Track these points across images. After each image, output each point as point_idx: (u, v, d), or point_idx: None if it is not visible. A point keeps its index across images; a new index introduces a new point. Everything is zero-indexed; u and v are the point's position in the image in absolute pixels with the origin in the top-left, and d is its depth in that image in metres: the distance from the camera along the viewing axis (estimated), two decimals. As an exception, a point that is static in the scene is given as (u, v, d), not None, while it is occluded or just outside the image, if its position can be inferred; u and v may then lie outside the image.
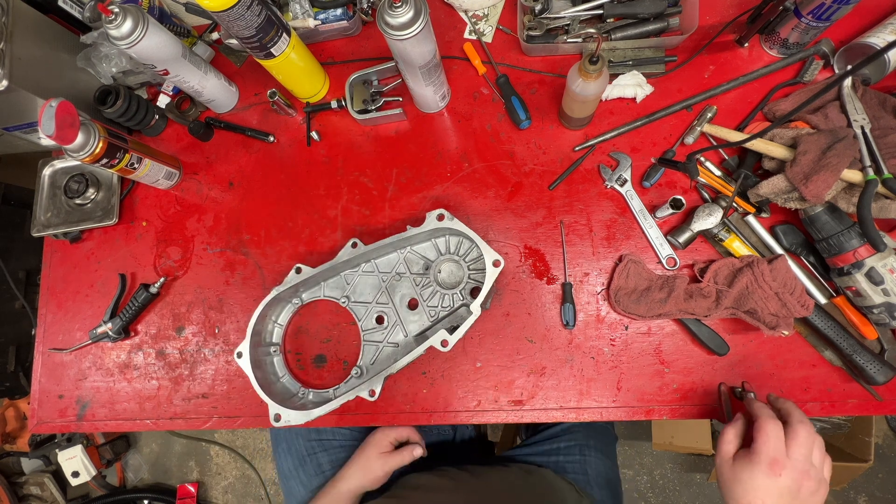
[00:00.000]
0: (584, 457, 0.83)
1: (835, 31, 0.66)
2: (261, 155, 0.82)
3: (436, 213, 0.66)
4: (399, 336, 0.71)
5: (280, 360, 0.74)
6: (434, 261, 0.71)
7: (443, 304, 0.70)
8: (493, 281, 0.63)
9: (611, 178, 0.70)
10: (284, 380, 0.74)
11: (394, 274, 0.72)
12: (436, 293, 0.70)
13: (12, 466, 1.66)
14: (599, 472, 0.83)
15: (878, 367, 0.57)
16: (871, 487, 1.38)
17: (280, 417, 0.66)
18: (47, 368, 0.82)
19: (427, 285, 0.71)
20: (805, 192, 0.56)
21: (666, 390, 0.65)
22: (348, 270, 0.74)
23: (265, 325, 0.73)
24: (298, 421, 0.65)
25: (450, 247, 0.71)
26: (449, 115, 0.77)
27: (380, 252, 0.71)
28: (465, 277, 0.69)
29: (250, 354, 0.69)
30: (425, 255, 0.72)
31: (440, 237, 0.71)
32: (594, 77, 0.58)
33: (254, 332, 0.70)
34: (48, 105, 0.63)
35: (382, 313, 0.72)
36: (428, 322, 0.70)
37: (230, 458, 1.75)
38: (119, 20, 0.62)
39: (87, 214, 0.83)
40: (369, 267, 0.74)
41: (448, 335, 0.63)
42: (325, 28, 0.78)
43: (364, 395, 0.64)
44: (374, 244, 0.68)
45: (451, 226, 0.65)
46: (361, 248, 0.69)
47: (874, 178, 0.56)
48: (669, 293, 0.62)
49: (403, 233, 0.68)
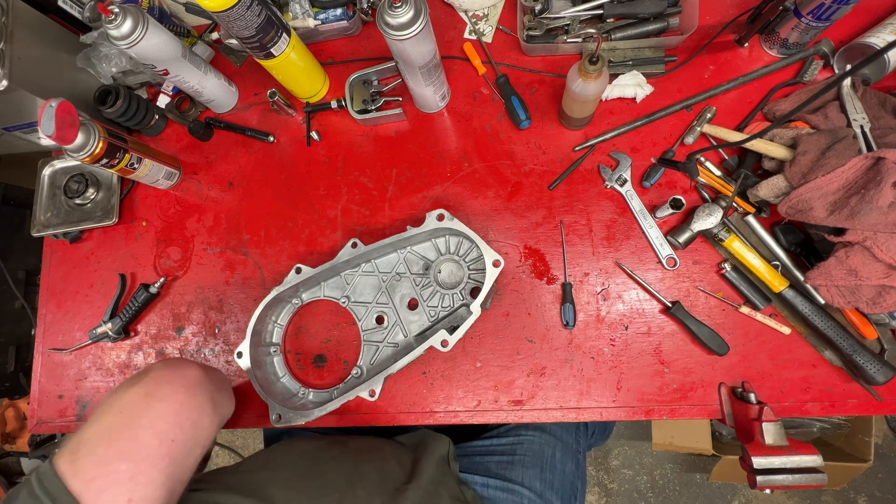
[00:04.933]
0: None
1: (835, 31, 0.66)
2: (261, 155, 0.82)
3: (436, 214, 0.66)
4: (399, 336, 0.71)
5: (280, 360, 0.74)
6: (434, 261, 0.71)
7: (443, 304, 0.70)
8: (493, 281, 0.63)
9: (611, 178, 0.70)
10: (284, 380, 0.73)
11: (394, 274, 0.72)
12: (436, 293, 0.70)
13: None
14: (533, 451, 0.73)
15: (878, 367, 0.57)
16: (871, 487, 1.38)
17: (281, 418, 0.66)
18: (47, 368, 0.82)
19: (427, 285, 0.71)
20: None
21: (666, 390, 0.65)
22: (348, 270, 0.74)
23: (265, 326, 0.73)
24: (298, 421, 0.65)
25: (450, 247, 0.71)
26: (449, 115, 0.77)
27: (380, 252, 0.71)
28: (465, 277, 0.69)
29: (250, 354, 0.69)
30: (425, 255, 0.72)
31: (440, 237, 0.71)
32: (594, 77, 0.58)
33: (254, 332, 0.70)
34: (48, 105, 0.63)
35: (382, 313, 0.72)
36: (428, 322, 0.70)
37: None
38: (119, 20, 0.62)
39: (87, 214, 0.83)
40: (369, 267, 0.74)
41: (448, 335, 0.63)
42: (325, 28, 0.78)
43: (364, 395, 0.64)
44: (374, 244, 0.68)
45: (450, 226, 0.65)
46: (361, 249, 0.69)
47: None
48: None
49: (403, 233, 0.68)
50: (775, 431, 0.57)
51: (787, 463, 0.56)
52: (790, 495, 1.40)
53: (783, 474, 0.56)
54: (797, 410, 0.62)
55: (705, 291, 0.66)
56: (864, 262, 0.54)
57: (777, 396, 0.63)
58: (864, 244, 0.54)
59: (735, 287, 0.64)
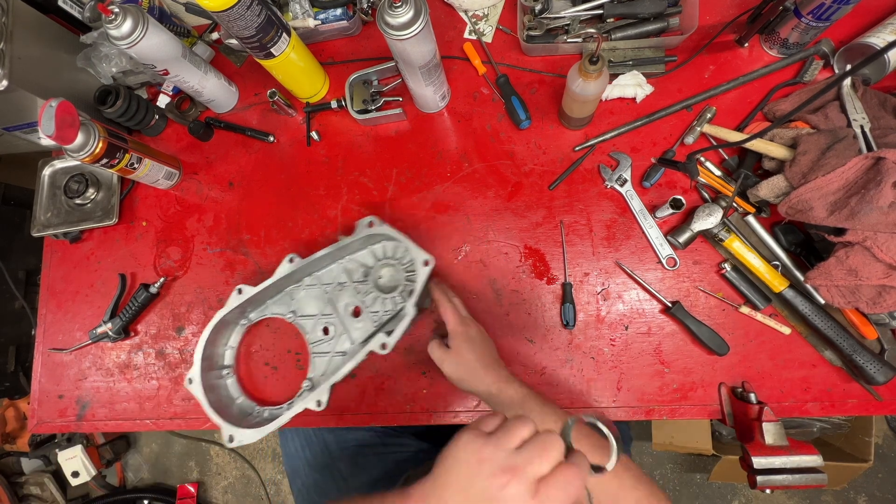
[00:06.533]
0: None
1: (835, 31, 0.66)
2: (261, 155, 0.82)
3: (366, 221, 0.67)
4: (346, 344, 0.71)
5: (234, 382, 0.74)
6: (372, 267, 0.71)
7: (385, 308, 0.70)
8: (424, 280, 0.63)
9: (611, 178, 0.70)
10: (240, 401, 0.73)
11: (335, 284, 0.72)
12: (377, 298, 0.70)
13: (12, 466, 1.66)
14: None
15: (878, 367, 0.57)
16: (871, 487, 1.38)
17: (233, 438, 0.65)
18: (47, 368, 0.82)
19: (368, 292, 0.71)
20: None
21: (666, 390, 0.65)
22: (292, 286, 0.74)
23: (216, 349, 0.73)
24: (252, 439, 0.65)
25: (386, 252, 0.71)
26: (449, 115, 0.77)
27: (319, 265, 0.71)
28: (403, 280, 0.69)
29: (202, 380, 0.68)
30: (364, 262, 0.72)
31: (376, 244, 0.72)
32: (594, 77, 0.58)
33: (204, 356, 0.69)
34: (48, 105, 0.63)
35: (328, 324, 0.72)
36: (373, 328, 0.70)
37: (230, 458, 1.75)
38: (119, 20, 0.62)
39: (87, 214, 0.83)
40: (311, 280, 0.74)
41: (387, 338, 0.63)
42: (325, 28, 0.78)
43: (311, 405, 0.64)
44: (310, 258, 0.68)
45: (381, 231, 0.66)
46: (298, 263, 0.69)
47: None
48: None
49: (337, 243, 0.68)
50: (775, 431, 0.57)
51: (787, 463, 0.56)
52: (790, 495, 1.40)
53: (783, 474, 0.56)
54: (797, 410, 0.62)
55: (705, 291, 0.66)
56: (864, 262, 0.54)
57: (777, 396, 0.63)
58: (864, 244, 0.54)
59: (735, 287, 0.64)
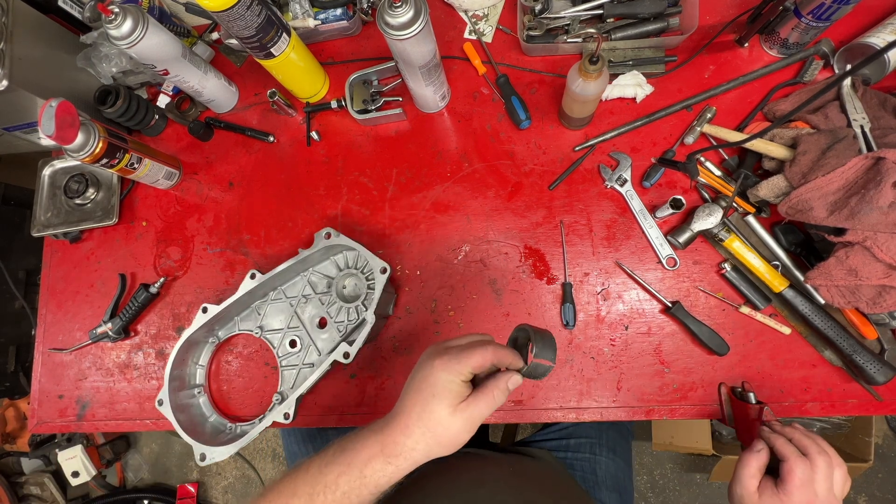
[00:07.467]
0: (595, 456, 0.81)
1: (835, 31, 0.66)
2: (261, 155, 0.82)
3: (324, 233, 0.68)
4: (313, 356, 0.71)
5: (206, 400, 0.74)
6: (335, 278, 0.72)
7: (349, 317, 0.71)
8: (382, 288, 0.64)
9: (611, 178, 0.70)
10: (213, 419, 0.73)
11: (300, 297, 0.73)
12: (342, 308, 0.71)
13: (12, 466, 1.66)
14: (609, 474, 0.80)
15: (878, 367, 0.57)
16: (871, 487, 1.38)
17: (205, 456, 0.65)
18: (47, 368, 0.82)
19: (332, 303, 0.71)
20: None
21: (666, 390, 0.65)
22: (258, 301, 0.74)
23: (186, 369, 0.73)
24: (224, 455, 0.65)
25: (348, 262, 0.72)
26: (449, 115, 0.77)
27: (282, 278, 0.71)
28: (365, 288, 0.70)
29: (171, 400, 0.68)
30: (327, 273, 0.73)
31: (337, 254, 0.72)
32: (594, 77, 0.58)
33: (172, 377, 0.69)
34: (48, 105, 0.63)
35: (295, 337, 0.72)
36: (338, 338, 0.70)
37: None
38: (119, 20, 0.62)
39: (87, 214, 0.83)
40: (276, 294, 0.74)
41: (349, 347, 0.63)
42: (325, 28, 0.78)
43: (279, 419, 0.64)
44: (272, 272, 0.69)
45: (339, 242, 0.67)
46: (261, 278, 0.69)
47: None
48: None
49: (297, 256, 0.68)
50: (775, 431, 0.57)
51: (787, 463, 0.56)
52: (790, 495, 1.40)
53: (783, 474, 0.56)
54: (797, 410, 0.62)
55: (705, 291, 0.66)
56: (864, 262, 0.54)
57: (777, 396, 0.63)
58: (864, 244, 0.54)
59: (735, 287, 0.64)
